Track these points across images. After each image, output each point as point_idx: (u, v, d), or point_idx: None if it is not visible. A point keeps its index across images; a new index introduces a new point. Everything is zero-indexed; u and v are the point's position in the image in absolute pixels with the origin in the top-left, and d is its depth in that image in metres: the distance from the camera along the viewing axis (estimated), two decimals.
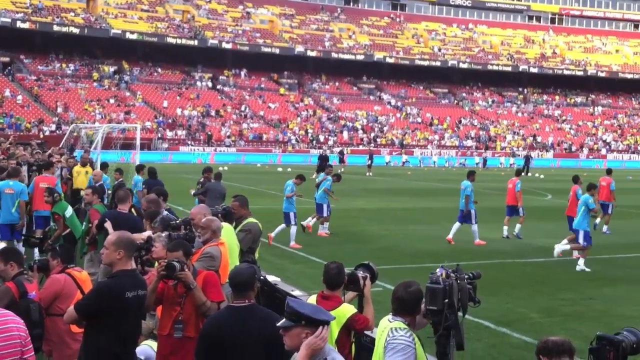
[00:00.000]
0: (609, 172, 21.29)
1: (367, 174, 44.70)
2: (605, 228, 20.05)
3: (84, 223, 10.36)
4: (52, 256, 6.47)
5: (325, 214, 17.96)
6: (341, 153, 52.06)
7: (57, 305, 6.20)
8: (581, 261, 14.41)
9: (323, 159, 44.46)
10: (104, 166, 18.14)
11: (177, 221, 7.60)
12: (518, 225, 18.75)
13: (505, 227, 18.68)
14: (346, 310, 5.32)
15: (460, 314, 4.73)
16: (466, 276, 4.82)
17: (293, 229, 16.39)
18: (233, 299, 4.89)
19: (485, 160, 61.85)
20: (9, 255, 6.06)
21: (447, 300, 4.60)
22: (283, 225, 16.52)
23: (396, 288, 4.75)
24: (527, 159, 53.12)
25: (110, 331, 5.32)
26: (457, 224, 17.39)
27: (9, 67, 63.30)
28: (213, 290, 5.79)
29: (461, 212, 17.48)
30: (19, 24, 61.84)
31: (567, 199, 18.38)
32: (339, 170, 44.33)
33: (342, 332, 5.27)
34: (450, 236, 17.12)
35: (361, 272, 5.49)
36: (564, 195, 21.49)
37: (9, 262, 5.96)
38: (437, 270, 4.76)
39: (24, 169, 16.19)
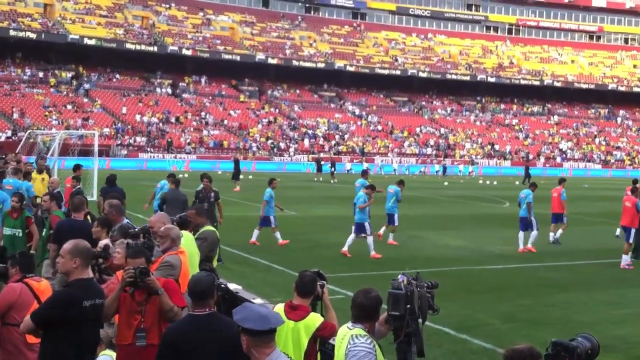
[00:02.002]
0: (635, 182, 21.42)
1: (331, 181, 44.93)
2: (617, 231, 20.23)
3: (44, 229, 10.23)
4: (11, 264, 6.32)
5: (396, 223, 18.26)
6: (318, 162, 51.54)
7: (12, 315, 6.07)
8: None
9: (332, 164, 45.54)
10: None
11: (136, 229, 7.50)
12: (559, 231, 19.20)
13: (552, 234, 19.11)
14: (315, 319, 5.32)
15: (420, 320, 4.77)
16: (425, 284, 4.88)
17: (370, 239, 16.22)
18: (193, 308, 4.86)
19: (444, 168, 62.55)
20: None
21: (408, 306, 4.65)
22: (353, 236, 16.37)
23: (356, 294, 4.78)
24: (527, 168, 53.08)
25: (68, 341, 5.23)
26: (521, 234, 17.77)
27: None
28: (175, 296, 5.74)
29: (523, 220, 17.84)
30: None
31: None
32: (315, 179, 44.60)
33: (310, 341, 5.27)
34: (521, 247, 17.58)
35: (318, 281, 5.51)
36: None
37: None
38: (399, 276, 4.81)
39: None
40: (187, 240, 7.46)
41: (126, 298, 5.67)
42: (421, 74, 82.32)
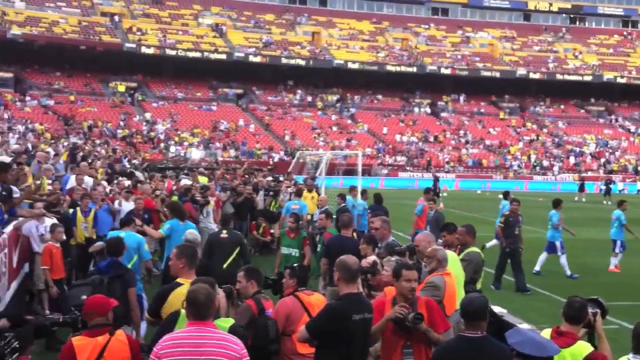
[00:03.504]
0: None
1: (604, 201, 42.01)
2: None
3: (319, 245, 10.80)
4: (290, 275, 6.64)
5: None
6: (582, 179, 49.54)
7: (286, 326, 6.43)
8: None
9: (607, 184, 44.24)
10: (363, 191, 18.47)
11: (402, 247, 7.63)
12: None
13: None
14: (583, 348, 5.01)
15: None
16: None
17: None
18: (465, 329, 4.81)
19: None
20: (251, 273, 6.40)
21: None
22: None
23: (636, 325, 4.47)
24: None
25: (338, 352, 5.46)
26: None
27: (243, 98, 68.48)
28: (437, 317, 5.74)
29: None
30: (251, 58, 66.73)
31: None
32: (575, 199, 42.37)
33: None
34: None
35: (591, 308, 5.17)
36: None
37: (250, 280, 6.32)
38: None
39: (261, 193, 17.31)
40: (453, 261, 7.42)
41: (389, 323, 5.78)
42: None
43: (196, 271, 6.42)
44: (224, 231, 10.16)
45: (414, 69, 71.09)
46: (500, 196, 19.46)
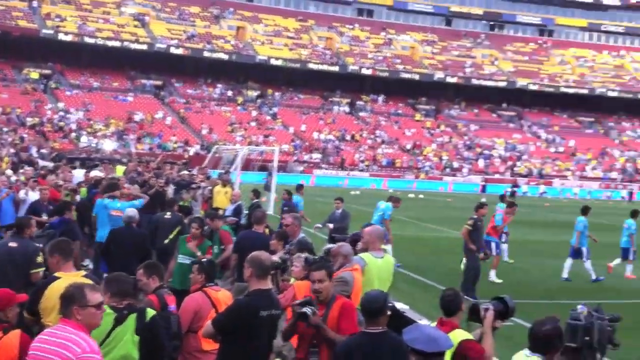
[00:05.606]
0: None
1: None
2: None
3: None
4: (198, 270, 6.59)
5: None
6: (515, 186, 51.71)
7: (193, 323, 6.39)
8: None
9: None
10: (299, 187, 18.29)
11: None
12: None
13: None
14: (458, 335, 5.09)
15: (598, 355, 4.57)
16: (607, 317, 4.67)
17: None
18: (366, 325, 4.93)
19: (631, 194, 58.73)
20: (151, 270, 6.32)
21: (587, 338, 4.49)
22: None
23: (534, 324, 4.62)
24: None
25: (243, 348, 5.47)
26: None
27: (161, 90, 67.24)
28: (347, 320, 5.71)
29: None
30: (173, 50, 65.62)
31: None
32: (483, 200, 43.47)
33: (455, 358, 5.00)
34: None
35: (486, 305, 5.29)
36: None
37: (151, 276, 6.24)
38: (579, 307, 4.69)
39: (171, 186, 17.05)
40: (388, 264, 7.71)
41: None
42: (610, 93, 77.65)
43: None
44: (168, 213, 11.83)
45: (336, 68, 71.60)
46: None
